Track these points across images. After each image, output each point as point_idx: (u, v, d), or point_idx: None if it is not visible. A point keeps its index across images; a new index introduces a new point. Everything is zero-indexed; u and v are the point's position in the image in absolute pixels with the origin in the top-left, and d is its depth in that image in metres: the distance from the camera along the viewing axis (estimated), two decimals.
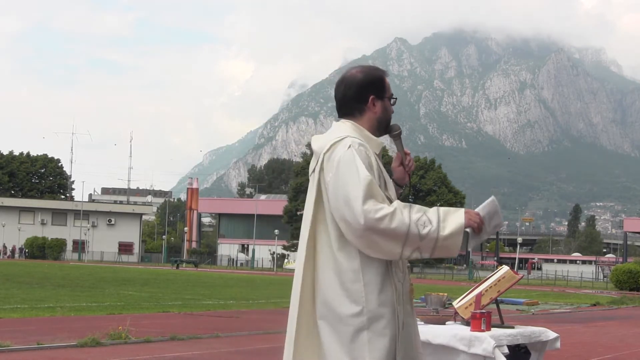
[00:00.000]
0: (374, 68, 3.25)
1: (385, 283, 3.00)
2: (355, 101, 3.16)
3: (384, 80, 3.20)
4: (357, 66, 3.25)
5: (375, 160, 3.05)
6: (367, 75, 3.18)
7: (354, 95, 3.16)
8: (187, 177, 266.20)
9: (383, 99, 3.18)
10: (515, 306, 19.32)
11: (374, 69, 3.24)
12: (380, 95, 3.18)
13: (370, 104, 3.16)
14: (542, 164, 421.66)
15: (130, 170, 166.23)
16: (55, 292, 20.86)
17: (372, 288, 2.98)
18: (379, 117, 3.18)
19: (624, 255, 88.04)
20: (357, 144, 3.00)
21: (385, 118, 3.20)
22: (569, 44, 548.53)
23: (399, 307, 3.02)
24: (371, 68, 3.24)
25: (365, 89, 3.16)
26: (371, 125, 3.17)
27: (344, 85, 3.19)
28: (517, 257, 78.06)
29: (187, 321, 13.97)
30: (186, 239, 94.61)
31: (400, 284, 3.06)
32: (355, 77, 3.18)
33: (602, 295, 35.30)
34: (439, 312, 5.36)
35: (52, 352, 9.01)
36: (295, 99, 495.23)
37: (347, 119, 3.18)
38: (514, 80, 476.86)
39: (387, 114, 3.21)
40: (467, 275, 64.73)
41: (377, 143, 3.15)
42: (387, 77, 3.25)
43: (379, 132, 3.20)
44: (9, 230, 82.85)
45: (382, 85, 3.19)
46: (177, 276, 40.48)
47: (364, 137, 3.11)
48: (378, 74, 3.21)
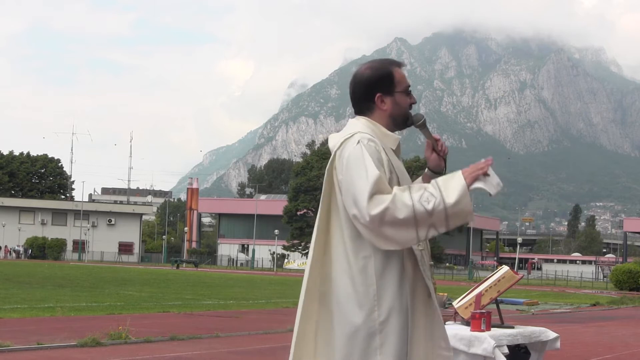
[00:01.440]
0: (383, 63, 3.17)
1: (402, 285, 2.96)
2: (364, 100, 3.12)
3: (391, 75, 3.12)
4: (369, 61, 3.20)
5: (386, 156, 3.00)
6: (374, 72, 3.12)
7: (362, 94, 3.12)
8: (187, 177, 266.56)
9: (392, 94, 3.11)
10: (515, 306, 19.30)
11: (382, 64, 3.16)
12: (389, 91, 3.11)
13: (378, 101, 3.11)
14: (542, 164, 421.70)
15: (130, 170, 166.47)
16: (55, 292, 20.86)
17: (386, 290, 2.94)
18: (390, 113, 3.12)
19: (623, 255, 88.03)
20: (366, 140, 2.96)
21: (399, 113, 3.13)
22: (569, 44, 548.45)
23: (420, 307, 3.00)
24: (381, 63, 3.17)
25: (372, 87, 3.10)
26: (385, 122, 3.13)
27: (353, 83, 3.16)
28: (517, 257, 77.98)
29: (187, 321, 13.96)
30: (186, 239, 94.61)
31: (428, 281, 3.04)
32: (363, 75, 3.13)
33: (602, 295, 35.29)
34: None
35: (52, 352, 9.01)
36: (295, 99, 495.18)
37: (362, 116, 3.14)
38: (514, 80, 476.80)
39: (400, 109, 3.13)
40: (467, 275, 64.74)
41: (393, 139, 3.11)
42: (400, 68, 3.16)
43: (396, 127, 3.15)
44: (9, 230, 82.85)
45: (389, 80, 3.11)
46: (177, 276, 40.47)
47: (379, 132, 3.08)
48: (385, 70, 3.12)
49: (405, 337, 2.95)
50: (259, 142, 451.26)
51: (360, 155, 2.91)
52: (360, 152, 2.92)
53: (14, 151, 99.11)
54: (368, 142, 2.96)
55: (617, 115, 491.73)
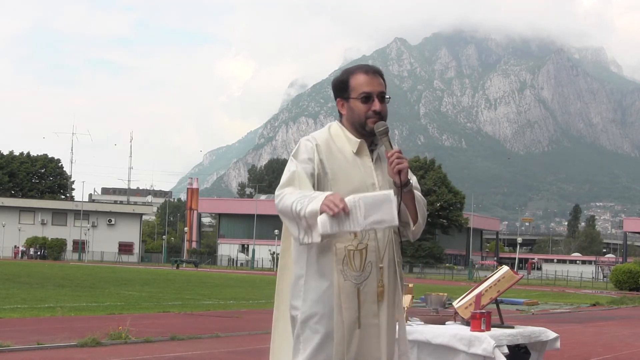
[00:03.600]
0: (348, 69, 3.29)
1: (323, 282, 3.06)
2: (336, 104, 3.29)
3: (346, 81, 3.22)
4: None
5: (319, 157, 3.11)
6: (335, 78, 3.28)
7: (334, 99, 3.30)
8: (187, 177, 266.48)
9: (348, 100, 3.21)
10: (515, 306, 19.32)
11: (347, 70, 3.29)
12: (346, 97, 3.22)
13: (339, 106, 3.27)
14: (542, 164, 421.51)
15: (130, 170, 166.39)
16: (55, 292, 20.85)
17: (310, 288, 3.07)
18: (348, 117, 3.23)
19: (623, 255, 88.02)
20: (304, 140, 3.18)
21: (355, 118, 3.20)
22: (569, 44, 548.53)
23: (347, 306, 3.03)
24: (347, 69, 3.30)
25: (334, 92, 3.28)
26: (349, 126, 3.24)
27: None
28: (517, 257, 78.09)
29: (187, 321, 13.96)
30: (186, 239, 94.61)
31: (350, 283, 3.06)
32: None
33: (602, 295, 35.27)
34: (439, 312, 5.36)
35: (52, 352, 9.00)
36: (295, 99, 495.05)
37: (339, 118, 3.30)
38: (514, 81, 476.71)
39: (354, 115, 3.20)
40: (467, 275, 64.75)
41: (354, 142, 3.20)
42: (368, 75, 3.21)
43: (358, 132, 3.22)
44: (9, 230, 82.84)
45: (345, 87, 3.22)
46: (177, 276, 40.47)
47: (343, 136, 3.21)
48: (343, 77, 3.25)
49: (329, 332, 3.04)
50: (259, 142, 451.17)
51: (293, 154, 3.16)
52: (294, 152, 3.16)
53: (14, 151, 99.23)
54: (306, 142, 3.17)
55: (617, 115, 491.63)
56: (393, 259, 3.16)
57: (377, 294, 3.09)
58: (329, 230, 2.88)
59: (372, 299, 3.08)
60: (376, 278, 3.09)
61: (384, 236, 3.13)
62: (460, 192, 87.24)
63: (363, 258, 3.08)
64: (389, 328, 3.13)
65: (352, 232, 2.96)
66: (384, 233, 3.13)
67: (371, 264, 3.09)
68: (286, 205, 2.98)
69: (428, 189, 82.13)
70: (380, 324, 3.10)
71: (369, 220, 2.92)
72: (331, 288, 3.05)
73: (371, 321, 3.08)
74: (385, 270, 3.12)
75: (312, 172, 3.10)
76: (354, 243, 3.07)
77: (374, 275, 3.09)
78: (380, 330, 3.10)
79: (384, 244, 3.12)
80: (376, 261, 3.10)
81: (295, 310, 3.10)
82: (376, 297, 3.09)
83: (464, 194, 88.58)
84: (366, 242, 3.09)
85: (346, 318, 3.03)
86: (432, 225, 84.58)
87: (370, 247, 3.10)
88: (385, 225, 2.95)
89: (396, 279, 3.17)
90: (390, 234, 3.16)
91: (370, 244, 3.09)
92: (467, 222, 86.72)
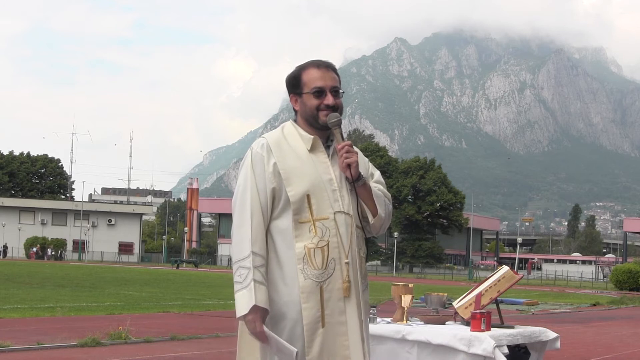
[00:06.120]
0: (300, 66, 3.26)
1: (283, 281, 3.03)
2: (291, 101, 3.28)
3: (299, 77, 3.20)
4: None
5: (273, 159, 3.08)
6: (288, 75, 3.25)
7: (288, 95, 3.28)
8: (187, 177, 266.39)
9: (301, 95, 3.19)
10: (515, 306, 19.30)
11: (298, 67, 3.26)
12: (298, 92, 3.20)
13: (292, 102, 3.25)
14: (542, 164, 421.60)
15: (130, 170, 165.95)
16: (55, 292, 20.85)
17: (273, 287, 3.03)
18: (301, 112, 3.20)
19: (623, 255, 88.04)
20: (258, 146, 3.14)
21: (308, 113, 3.17)
22: (569, 44, 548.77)
23: (307, 305, 2.99)
24: (299, 66, 3.26)
25: (287, 88, 3.25)
26: (302, 123, 3.20)
27: None
28: (517, 257, 78.15)
29: (187, 321, 13.96)
30: (186, 239, 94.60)
31: (311, 281, 3.01)
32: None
33: (602, 295, 35.26)
34: (439, 312, 5.36)
35: (52, 352, 9.00)
36: None
37: (294, 117, 3.28)
38: (514, 81, 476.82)
39: (307, 109, 3.17)
40: (467, 275, 64.74)
41: (307, 139, 3.16)
42: (320, 69, 3.19)
43: (312, 127, 3.18)
44: (9, 230, 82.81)
45: (297, 82, 3.20)
46: (177, 276, 40.47)
47: (296, 134, 3.17)
48: (295, 72, 3.23)
49: (290, 329, 3.03)
50: None
51: (244, 164, 3.12)
52: (245, 163, 3.12)
53: (14, 151, 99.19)
54: (258, 149, 3.13)
55: (617, 115, 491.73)
56: (357, 254, 3.12)
57: (342, 291, 3.04)
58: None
59: (337, 297, 3.02)
60: (341, 275, 3.04)
61: (346, 231, 3.07)
62: (460, 192, 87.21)
63: (325, 255, 3.03)
64: (359, 324, 3.07)
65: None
66: (347, 228, 3.07)
67: (334, 260, 3.03)
68: (233, 258, 3.05)
69: (428, 189, 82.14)
70: (347, 321, 3.04)
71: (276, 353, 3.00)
72: (296, 289, 3.01)
73: (337, 319, 3.02)
74: (351, 266, 3.07)
75: (264, 187, 3.06)
76: (314, 241, 3.02)
77: (339, 272, 3.04)
78: (348, 327, 3.04)
79: (347, 239, 3.07)
80: (340, 257, 3.05)
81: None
82: (342, 294, 3.04)
83: (464, 194, 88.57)
84: (327, 239, 3.03)
85: (306, 317, 2.98)
86: (432, 225, 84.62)
87: (332, 243, 3.04)
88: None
89: (363, 274, 3.15)
90: (353, 228, 3.10)
91: (332, 240, 3.04)
92: (467, 222, 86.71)
